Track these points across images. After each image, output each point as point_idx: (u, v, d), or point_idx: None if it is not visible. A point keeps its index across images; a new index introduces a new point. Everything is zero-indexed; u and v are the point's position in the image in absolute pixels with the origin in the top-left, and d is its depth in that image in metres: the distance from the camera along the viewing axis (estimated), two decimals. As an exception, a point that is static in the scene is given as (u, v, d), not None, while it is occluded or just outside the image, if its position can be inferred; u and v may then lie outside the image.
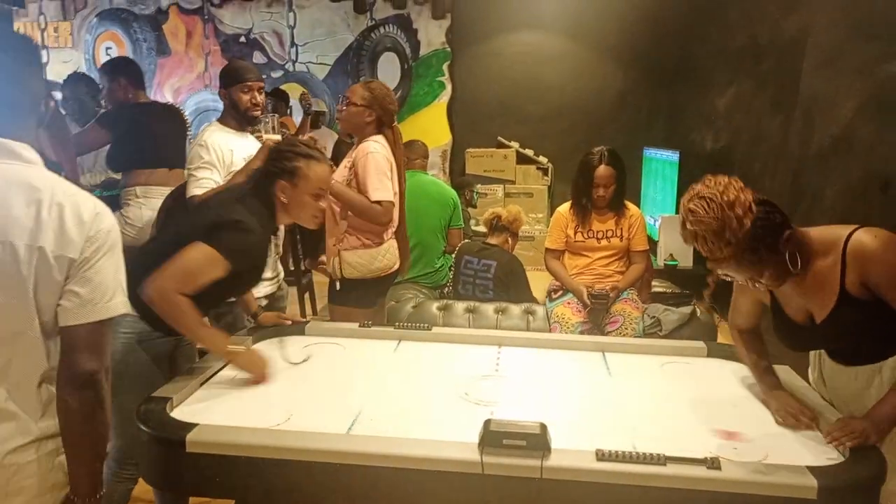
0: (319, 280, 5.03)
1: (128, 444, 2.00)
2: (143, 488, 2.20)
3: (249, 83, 2.77)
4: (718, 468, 1.41)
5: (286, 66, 6.94)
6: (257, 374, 1.96)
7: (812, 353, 1.97)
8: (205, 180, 2.58)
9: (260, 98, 2.80)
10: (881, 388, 1.71)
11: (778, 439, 1.66)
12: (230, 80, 2.78)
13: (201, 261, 1.88)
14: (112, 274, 1.33)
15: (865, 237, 1.62)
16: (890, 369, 1.72)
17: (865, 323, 1.68)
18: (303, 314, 4.52)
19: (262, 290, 2.74)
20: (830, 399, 1.84)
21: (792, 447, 1.61)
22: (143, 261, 1.94)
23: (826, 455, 1.55)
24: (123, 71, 3.55)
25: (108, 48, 7.23)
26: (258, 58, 6.87)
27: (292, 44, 6.94)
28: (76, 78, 4.43)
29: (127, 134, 3.35)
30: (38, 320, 1.28)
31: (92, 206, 1.32)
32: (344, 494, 1.55)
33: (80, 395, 1.29)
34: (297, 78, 6.94)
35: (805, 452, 1.58)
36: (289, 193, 2.04)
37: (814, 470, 1.41)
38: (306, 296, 4.76)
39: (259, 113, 2.81)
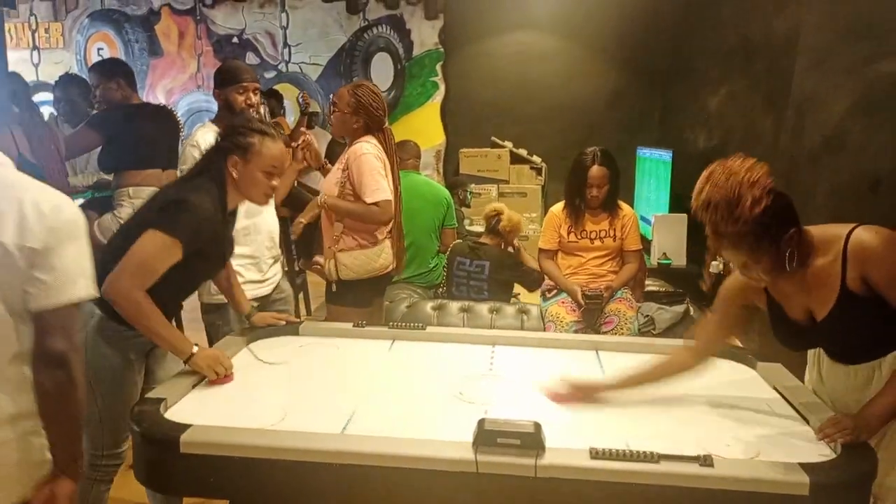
0: (313, 280, 5.03)
1: (99, 444, 2.00)
2: (136, 490, 2.20)
3: (245, 84, 2.77)
4: (711, 465, 1.42)
5: (279, 67, 6.93)
6: (217, 375, 1.92)
7: (811, 352, 1.98)
8: None
9: (255, 99, 2.80)
10: (879, 385, 1.72)
11: (770, 437, 1.67)
12: (225, 80, 2.77)
13: (151, 248, 1.85)
14: (75, 260, 1.41)
15: (865, 235, 1.63)
16: (888, 366, 1.73)
17: (866, 320, 1.69)
18: (297, 314, 4.51)
19: (255, 291, 2.74)
20: (831, 399, 1.85)
21: (784, 445, 1.62)
22: (106, 256, 1.95)
23: (818, 452, 1.56)
24: (117, 72, 3.54)
25: (99, 49, 7.21)
26: (251, 58, 6.86)
27: (285, 44, 6.93)
28: (68, 79, 4.42)
29: (118, 136, 3.34)
30: (3, 305, 1.34)
31: (52, 200, 1.40)
32: (338, 494, 1.55)
33: (52, 375, 1.38)
34: (290, 78, 6.94)
35: (797, 450, 1.59)
36: (240, 169, 2.00)
37: (805, 466, 1.42)
38: (300, 296, 4.75)
39: (254, 113, 2.81)
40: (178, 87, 7.14)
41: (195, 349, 1.91)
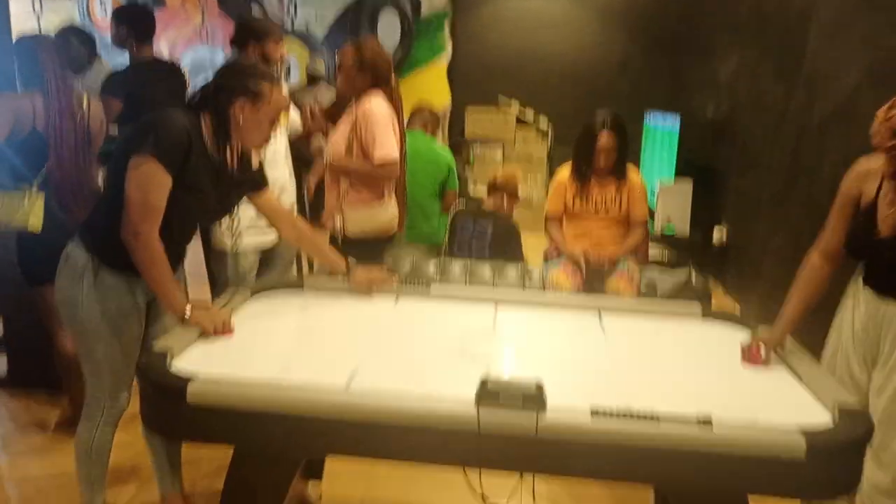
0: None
1: (103, 389, 2.03)
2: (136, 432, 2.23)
3: (277, 37, 2.83)
4: (710, 426, 1.44)
5: (285, 24, 6.83)
6: (214, 329, 1.90)
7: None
8: None
9: (283, 49, 2.87)
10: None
11: (770, 401, 1.69)
12: (260, 34, 2.79)
13: (138, 178, 1.79)
14: None
15: None
16: None
17: None
18: (299, 272, 4.51)
19: (258, 238, 2.74)
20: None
21: (783, 409, 1.64)
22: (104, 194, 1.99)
23: (816, 417, 1.58)
24: (128, 20, 3.50)
25: (101, 0, 7.09)
26: (256, 13, 6.75)
27: (291, 0, 6.81)
28: (67, 31, 4.34)
29: (128, 96, 3.33)
30: None
31: None
32: (340, 447, 1.57)
33: None
34: (297, 35, 6.84)
35: (796, 414, 1.60)
36: (247, 115, 1.93)
37: (803, 431, 1.44)
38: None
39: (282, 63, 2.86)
40: (182, 39, 7.03)
41: (188, 310, 1.89)
